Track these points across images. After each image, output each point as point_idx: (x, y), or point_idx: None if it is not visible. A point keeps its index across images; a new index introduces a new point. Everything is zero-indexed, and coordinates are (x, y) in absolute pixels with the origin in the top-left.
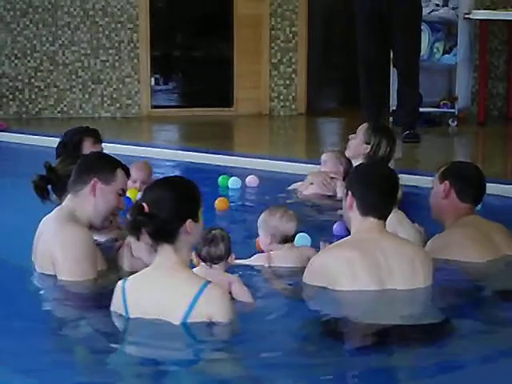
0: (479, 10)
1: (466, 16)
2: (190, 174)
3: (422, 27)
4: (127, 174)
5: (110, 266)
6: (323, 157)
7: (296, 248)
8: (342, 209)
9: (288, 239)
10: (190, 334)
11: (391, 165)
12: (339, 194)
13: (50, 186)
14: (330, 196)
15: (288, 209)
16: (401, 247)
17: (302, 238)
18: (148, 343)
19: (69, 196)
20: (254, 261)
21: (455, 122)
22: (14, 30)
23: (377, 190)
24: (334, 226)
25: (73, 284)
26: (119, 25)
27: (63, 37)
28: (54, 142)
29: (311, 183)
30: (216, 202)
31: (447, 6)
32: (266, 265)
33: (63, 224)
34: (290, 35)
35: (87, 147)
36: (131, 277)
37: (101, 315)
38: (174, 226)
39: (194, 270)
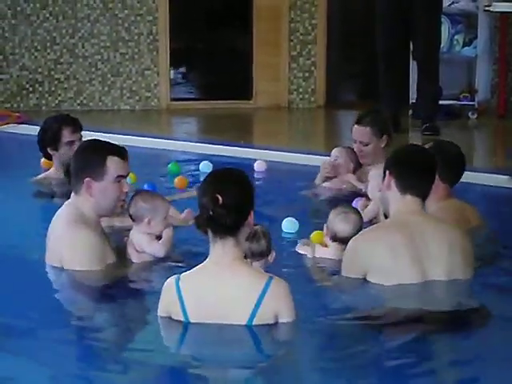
0: (499, 2)
1: (486, 8)
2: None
3: (442, 19)
4: (121, 155)
5: (120, 259)
6: (335, 152)
7: (341, 249)
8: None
9: (336, 239)
10: (257, 335)
11: None
12: (359, 186)
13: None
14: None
15: (353, 211)
16: (440, 230)
17: (289, 223)
18: (212, 344)
19: (72, 194)
20: (303, 249)
21: (475, 115)
22: (33, 22)
23: (414, 167)
24: (353, 202)
25: (81, 277)
26: (139, 17)
27: (83, 29)
28: None
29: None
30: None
31: None
32: (309, 255)
33: (70, 225)
34: (310, 28)
35: (66, 136)
36: (185, 275)
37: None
38: (243, 217)
39: None
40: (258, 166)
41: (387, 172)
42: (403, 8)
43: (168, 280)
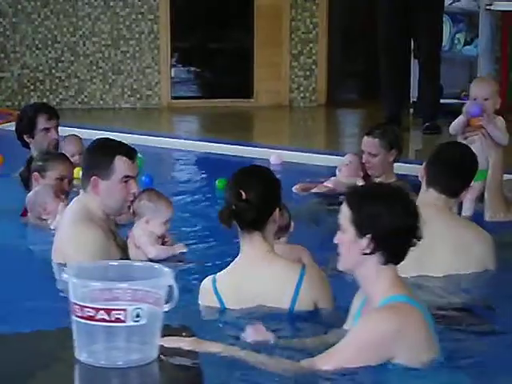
0: (501, 1)
1: (488, 7)
2: (209, 164)
3: (444, 18)
4: (130, 156)
5: (123, 256)
6: (349, 157)
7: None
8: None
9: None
10: (299, 323)
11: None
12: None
13: None
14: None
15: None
16: (449, 228)
17: None
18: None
19: (81, 190)
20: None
21: None
22: (34, 20)
23: (440, 163)
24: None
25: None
26: (140, 16)
27: (84, 27)
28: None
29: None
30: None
31: None
32: None
33: (76, 223)
34: (311, 26)
35: (41, 123)
36: (220, 274)
37: None
38: (267, 213)
39: None
40: (274, 159)
41: (424, 164)
42: (405, 6)
43: (204, 282)
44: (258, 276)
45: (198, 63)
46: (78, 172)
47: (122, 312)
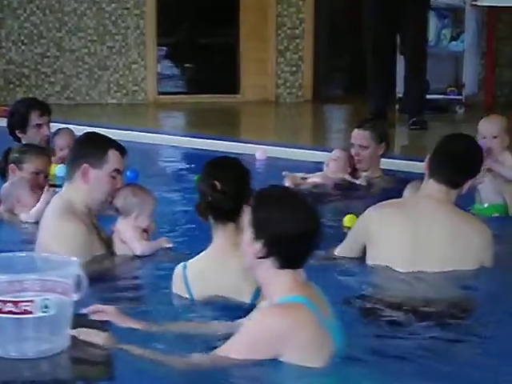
0: None
1: (474, 2)
2: (196, 160)
3: (430, 14)
4: (121, 152)
5: (108, 251)
6: (337, 153)
7: None
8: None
9: None
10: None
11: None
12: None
13: None
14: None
15: None
16: (446, 220)
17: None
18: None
19: (65, 183)
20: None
21: (462, 109)
22: (20, 16)
23: (443, 154)
24: None
25: None
26: (126, 11)
27: (70, 23)
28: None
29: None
30: None
31: None
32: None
33: (58, 217)
34: (297, 22)
35: (33, 119)
36: (191, 261)
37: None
38: (241, 203)
39: None
40: (259, 155)
41: (428, 156)
42: (391, 2)
43: (176, 267)
44: (225, 266)
45: (185, 59)
46: (53, 169)
47: (29, 303)
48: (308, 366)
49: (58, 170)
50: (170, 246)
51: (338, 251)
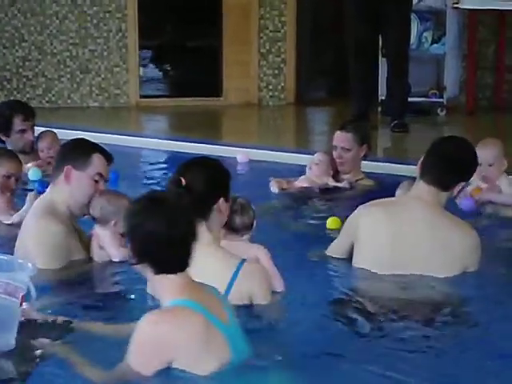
0: None
1: (455, 5)
2: (178, 163)
3: (411, 17)
4: (107, 158)
5: (88, 255)
6: (319, 156)
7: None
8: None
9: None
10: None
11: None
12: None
13: None
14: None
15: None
16: (429, 222)
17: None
18: None
19: (50, 185)
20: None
21: (444, 112)
22: (1, 19)
23: (434, 155)
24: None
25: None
26: (107, 14)
27: (51, 26)
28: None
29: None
30: None
31: None
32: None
33: (38, 218)
34: (279, 25)
35: (17, 124)
36: None
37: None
38: (208, 201)
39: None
40: (241, 158)
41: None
42: (373, 4)
43: None
44: (196, 265)
45: (167, 62)
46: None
47: None
48: (201, 371)
49: (31, 173)
50: None
51: (328, 251)
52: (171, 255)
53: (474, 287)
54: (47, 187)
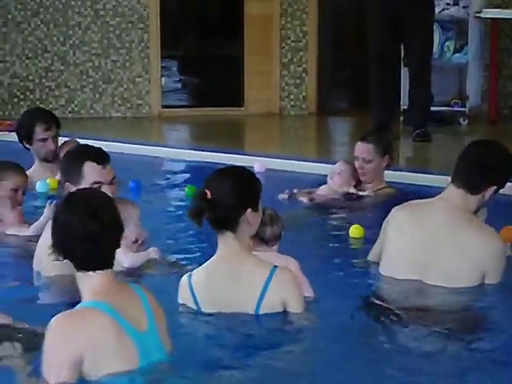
0: (490, 8)
1: (477, 15)
2: (200, 173)
3: (433, 26)
4: (100, 161)
5: None
6: (340, 166)
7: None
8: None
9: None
10: (264, 324)
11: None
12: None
13: None
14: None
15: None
16: (452, 226)
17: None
18: (222, 336)
19: None
20: None
21: (466, 121)
22: (24, 30)
23: (465, 158)
24: None
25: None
26: (130, 25)
27: (74, 37)
28: None
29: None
30: None
31: (458, 4)
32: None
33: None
34: (301, 35)
35: (38, 133)
36: (196, 270)
37: None
38: (235, 213)
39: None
40: (258, 167)
41: None
42: (395, 14)
43: (183, 277)
44: (228, 274)
45: (189, 72)
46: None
47: None
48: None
49: (38, 185)
50: (156, 257)
51: (368, 256)
52: (89, 251)
53: (494, 296)
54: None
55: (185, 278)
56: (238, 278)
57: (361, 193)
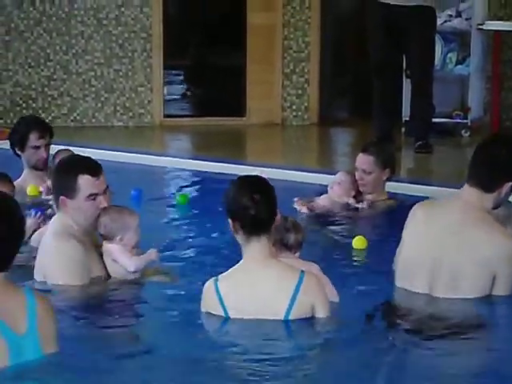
0: (492, 20)
1: (480, 27)
2: (201, 183)
3: (436, 37)
4: (93, 173)
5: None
6: (341, 176)
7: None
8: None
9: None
10: (294, 330)
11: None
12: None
13: None
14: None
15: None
16: (465, 227)
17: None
18: (252, 341)
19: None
20: None
21: (468, 133)
22: (27, 38)
23: (479, 156)
24: None
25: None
26: (132, 34)
27: (77, 46)
28: None
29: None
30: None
31: (460, 16)
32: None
33: (55, 237)
34: (303, 45)
35: (32, 140)
36: (223, 275)
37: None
38: (275, 214)
39: None
40: None
41: None
42: (396, 26)
43: (207, 282)
44: (257, 280)
45: (191, 82)
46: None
47: None
48: None
49: (29, 190)
50: (155, 259)
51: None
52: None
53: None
54: None
55: (210, 283)
56: (268, 284)
57: (357, 205)
